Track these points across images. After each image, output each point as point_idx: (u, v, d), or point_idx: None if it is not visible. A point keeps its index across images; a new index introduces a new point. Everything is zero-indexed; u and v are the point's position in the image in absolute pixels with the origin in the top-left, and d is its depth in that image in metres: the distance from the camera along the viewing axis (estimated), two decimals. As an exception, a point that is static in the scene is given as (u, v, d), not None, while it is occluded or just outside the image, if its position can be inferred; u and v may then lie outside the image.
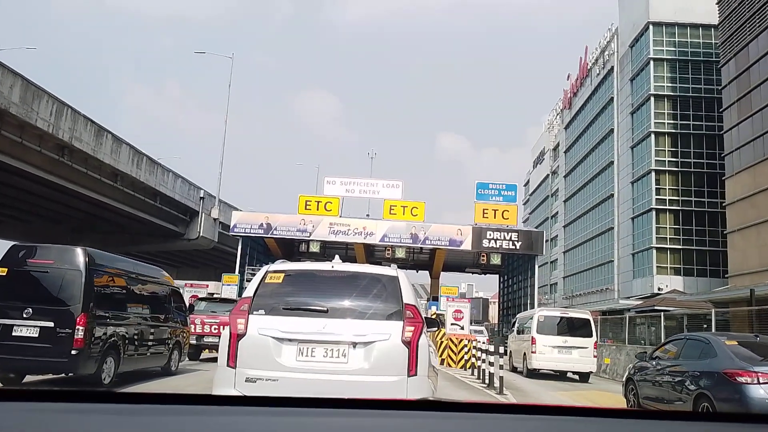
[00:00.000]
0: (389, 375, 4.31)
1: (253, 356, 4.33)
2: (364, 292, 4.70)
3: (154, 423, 1.16)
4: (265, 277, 4.72)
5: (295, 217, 28.53)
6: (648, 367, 9.12)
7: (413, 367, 4.35)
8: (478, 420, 1.28)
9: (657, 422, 1.40)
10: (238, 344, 4.36)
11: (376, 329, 4.39)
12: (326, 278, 4.86)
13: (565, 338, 15.05)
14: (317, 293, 4.73)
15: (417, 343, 4.41)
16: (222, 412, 1.26)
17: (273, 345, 4.33)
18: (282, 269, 4.83)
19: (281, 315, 4.47)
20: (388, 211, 28.13)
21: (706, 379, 7.37)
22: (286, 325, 4.38)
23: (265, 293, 4.60)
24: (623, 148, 47.21)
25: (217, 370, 4.47)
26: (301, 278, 4.93)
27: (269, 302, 4.55)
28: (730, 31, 34.40)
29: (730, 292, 29.36)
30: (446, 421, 1.27)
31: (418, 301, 4.91)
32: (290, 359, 4.31)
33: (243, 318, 4.44)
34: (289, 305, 4.56)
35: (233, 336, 4.40)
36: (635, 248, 43.67)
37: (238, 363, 4.33)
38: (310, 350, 4.34)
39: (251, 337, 4.37)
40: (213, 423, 1.18)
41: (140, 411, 1.22)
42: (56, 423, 1.13)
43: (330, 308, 4.49)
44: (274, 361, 4.29)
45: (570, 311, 18.22)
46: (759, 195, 30.37)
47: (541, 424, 1.31)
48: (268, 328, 4.38)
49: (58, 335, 7.65)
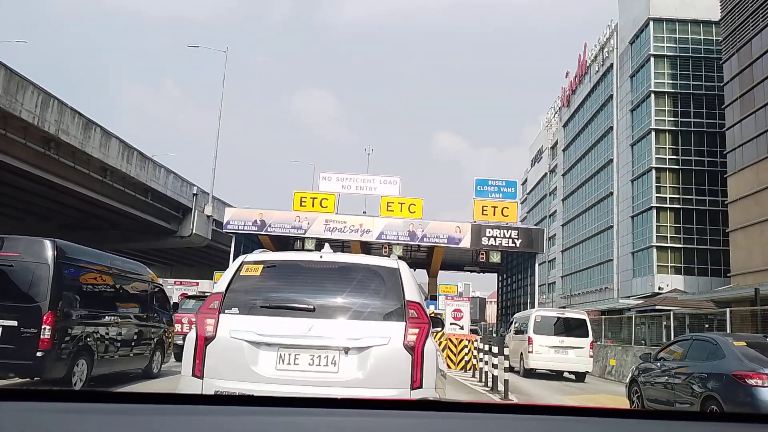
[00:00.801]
0: (388, 387, 3.64)
1: (224, 364, 3.65)
2: (359, 286, 3.98)
3: (154, 423, 1.16)
4: (241, 269, 4.00)
5: (289, 213, 27.88)
6: (653, 369, 8.86)
7: (417, 378, 3.66)
8: (478, 420, 1.28)
9: (658, 422, 1.40)
10: (206, 349, 3.67)
11: (372, 331, 3.71)
12: (314, 270, 4.15)
13: (562, 338, 15.11)
14: (303, 288, 4.04)
15: (422, 348, 3.71)
16: (222, 412, 1.26)
17: (248, 350, 3.65)
18: (261, 259, 4.11)
19: (259, 314, 3.78)
20: (386, 208, 27.51)
21: (715, 381, 7.18)
22: (264, 327, 3.69)
23: (239, 288, 3.91)
24: (623, 145, 46.71)
25: (181, 381, 3.80)
26: (284, 270, 4.20)
27: (245, 299, 3.87)
28: (732, 27, 33.90)
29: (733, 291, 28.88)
30: (446, 421, 1.27)
31: (423, 298, 4.20)
32: (268, 368, 3.62)
33: (212, 318, 3.74)
34: (268, 302, 3.86)
35: (200, 339, 3.70)
36: (635, 247, 43.16)
37: (205, 372, 3.65)
38: (292, 357, 3.65)
39: (222, 340, 3.68)
40: (213, 423, 1.17)
41: (140, 411, 1.22)
42: (56, 423, 1.13)
43: (318, 306, 3.80)
44: (248, 370, 3.60)
45: (567, 311, 18.11)
46: (763, 192, 29.87)
47: (541, 424, 1.30)
48: (242, 330, 3.68)
49: (22, 335, 6.96)
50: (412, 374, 3.65)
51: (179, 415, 1.22)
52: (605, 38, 52.04)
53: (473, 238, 26.81)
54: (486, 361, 12.37)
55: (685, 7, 42.36)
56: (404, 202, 27.54)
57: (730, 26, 34.22)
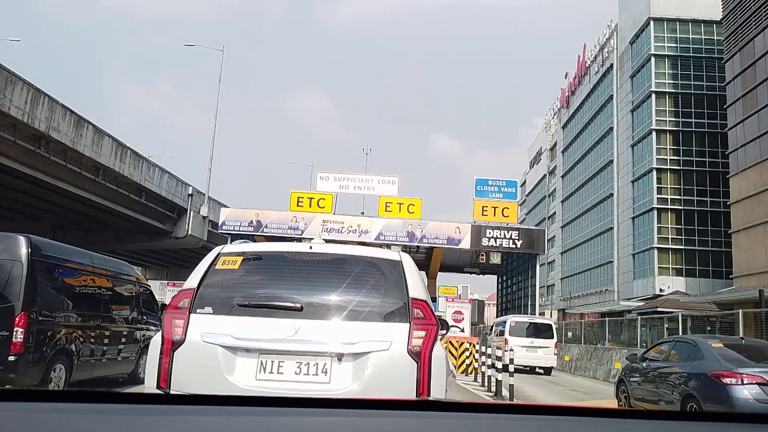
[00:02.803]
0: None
1: (194, 373, 3.11)
2: (355, 282, 3.42)
3: (153, 423, 1.15)
4: (216, 262, 3.43)
5: (286, 213, 27.44)
6: (639, 369, 9.28)
7: (425, 389, 3.11)
8: (478, 420, 1.28)
9: (656, 422, 1.40)
10: (173, 355, 3.11)
11: (371, 334, 3.18)
12: (302, 263, 3.59)
13: (532, 339, 17.90)
14: (289, 284, 3.50)
15: (430, 355, 3.18)
16: (222, 412, 1.25)
17: (223, 357, 3.09)
18: (240, 251, 3.53)
19: (236, 314, 3.22)
20: (384, 208, 27.06)
21: (694, 381, 7.59)
22: (242, 329, 3.14)
23: (214, 284, 3.34)
24: (623, 146, 46.31)
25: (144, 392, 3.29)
26: (267, 263, 3.62)
27: (220, 296, 3.32)
28: (734, 26, 33.54)
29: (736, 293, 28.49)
30: (446, 421, 1.26)
31: (429, 296, 3.62)
32: (247, 377, 3.08)
33: (181, 318, 3.18)
34: (247, 300, 3.30)
35: (166, 343, 3.15)
36: (636, 248, 42.72)
37: (172, 383, 3.09)
38: (275, 365, 3.10)
39: (192, 344, 3.12)
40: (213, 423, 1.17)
41: (140, 411, 1.21)
42: (56, 423, 1.12)
43: (306, 305, 3.24)
44: (223, 380, 3.05)
45: (536, 318, 21.17)
46: (767, 193, 29.45)
47: (541, 424, 1.29)
48: (216, 332, 3.12)
49: (-7, 338, 6.46)
50: (417, 385, 3.12)
51: (179, 415, 1.21)
52: (605, 38, 51.68)
53: (473, 239, 26.38)
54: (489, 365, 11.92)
55: (686, 6, 42.03)
56: (403, 202, 27.10)
57: (731, 25, 33.86)
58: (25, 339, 6.53)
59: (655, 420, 1.43)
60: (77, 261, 7.98)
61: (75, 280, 7.84)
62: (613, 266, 46.72)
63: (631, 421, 1.41)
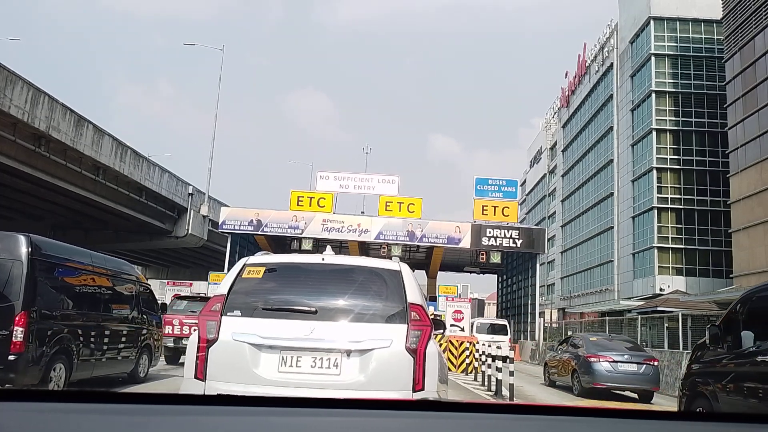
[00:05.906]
0: (390, 390, 3.68)
1: (226, 367, 3.69)
2: (361, 289, 4.02)
3: (154, 423, 1.15)
4: (243, 272, 4.03)
5: (286, 213, 27.41)
6: (554, 355, 14.24)
7: (420, 381, 3.71)
8: (477, 420, 1.28)
9: (656, 422, 1.41)
10: (208, 352, 3.70)
11: (374, 334, 3.73)
12: (315, 273, 4.18)
13: (492, 336, 21.58)
14: (304, 291, 4.07)
15: (424, 351, 3.76)
16: (222, 413, 1.25)
17: (250, 353, 3.67)
18: (263, 262, 4.16)
19: (260, 317, 3.81)
20: (384, 208, 27.05)
21: (575, 360, 12.53)
22: (266, 329, 3.72)
23: (241, 290, 3.92)
24: (623, 145, 46.29)
25: (183, 383, 3.80)
26: (286, 273, 4.23)
27: (246, 301, 3.88)
28: (735, 25, 33.51)
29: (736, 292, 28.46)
30: (446, 421, 1.26)
31: (425, 301, 4.25)
32: (271, 370, 3.65)
33: (214, 320, 3.76)
34: (270, 305, 3.89)
35: (202, 342, 3.74)
36: (636, 248, 42.70)
37: (207, 374, 3.66)
38: (294, 359, 3.68)
39: (224, 343, 3.71)
40: (214, 423, 1.17)
41: (140, 411, 1.21)
42: (56, 423, 1.12)
43: (320, 309, 3.81)
44: (251, 372, 3.63)
45: (495, 319, 26.77)
46: (766, 192, 29.44)
47: (541, 424, 1.30)
48: (244, 332, 3.70)
49: (-8, 338, 6.45)
50: (414, 377, 3.69)
51: (179, 415, 1.21)
52: (605, 38, 51.62)
53: (473, 238, 26.37)
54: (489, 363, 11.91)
55: (686, 5, 41.98)
56: (403, 202, 27.08)
57: (731, 25, 33.83)
58: (25, 338, 6.53)
59: (655, 420, 1.44)
60: (77, 260, 7.97)
61: (75, 279, 7.83)
62: (613, 265, 46.70)
63: (631, 421, 1.41)
